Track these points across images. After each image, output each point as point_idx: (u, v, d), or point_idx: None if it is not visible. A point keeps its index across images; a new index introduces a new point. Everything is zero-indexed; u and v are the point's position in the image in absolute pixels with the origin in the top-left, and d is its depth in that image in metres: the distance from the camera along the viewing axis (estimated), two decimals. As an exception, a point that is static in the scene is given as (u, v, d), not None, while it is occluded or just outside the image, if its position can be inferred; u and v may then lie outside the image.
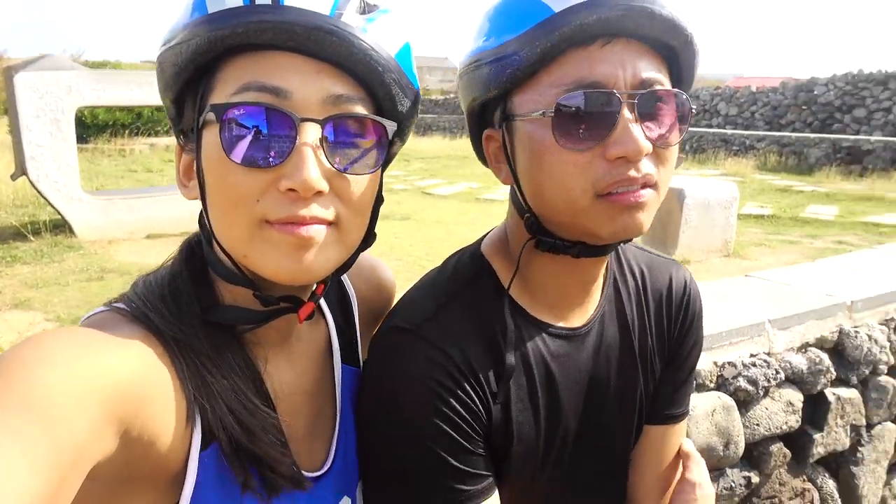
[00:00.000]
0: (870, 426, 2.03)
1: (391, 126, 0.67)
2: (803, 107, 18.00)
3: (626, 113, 0.69)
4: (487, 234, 0.91)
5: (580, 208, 0.72)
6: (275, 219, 0.61)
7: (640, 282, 0.94)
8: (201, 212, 0.70)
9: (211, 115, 0.61)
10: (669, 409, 0.96)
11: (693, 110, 0.75)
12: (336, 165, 0.62)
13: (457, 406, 0.75)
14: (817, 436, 1.86)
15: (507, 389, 0.80)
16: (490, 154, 0.82)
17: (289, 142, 0.60)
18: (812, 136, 15.60)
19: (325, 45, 0.61)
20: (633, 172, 0.69)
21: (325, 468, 0.74)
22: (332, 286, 0.78)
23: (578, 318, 0.86)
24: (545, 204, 0.76)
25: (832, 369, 1.89)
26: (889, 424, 2.09)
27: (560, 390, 0.84)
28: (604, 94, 0.69)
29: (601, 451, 0.91)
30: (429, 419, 0.74)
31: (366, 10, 0.65)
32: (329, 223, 0.63)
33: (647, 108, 0.70)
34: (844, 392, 1.93)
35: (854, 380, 1.97)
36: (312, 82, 0.62)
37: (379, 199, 0.72)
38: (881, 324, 2.10)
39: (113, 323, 0.62)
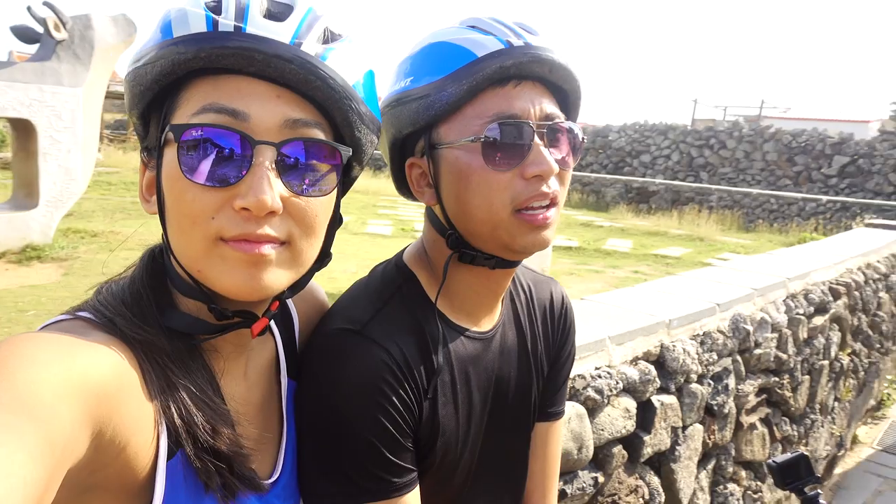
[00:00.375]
0: (684, 427, 2.34)
1: (346, 151, 0.71)
2: (600, 150, 20.04)
3: (538, 140, 0.82)
4: (405, 248, 1.00)
5: (500, 221, 0.84)
6: (229, 236, 0.63)
7: (528, 295, 1.08)
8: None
9: (170, 135, 0.64)
10: (552, 406, 1.11)
11: (584, 140, 0.90)
12: (290, 187, 0.66)
13: (397, 403, 0.83)
14: (647, 437, 2.12)
15: (435, 387, 0.88)
16: (413, 180, 0.92)
17: (245, 162, 0.63)
18: (608, 177, 17.43)
19: (283, 71, 0.65)
20: (544, 188, 0.83)
21: (274, 478, 0.77)
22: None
23: (487, 324, 0.98)
24: (469, 219, 0.86)
25: (657, 379, 2.17)
26: (697, 425, 2.42)
27: (474, 387, 0.95)
28: (522, 125, 0.82)
29: (507, 443, 1.03)
30: (374, 415, 0.81)
31: (329, 38, 0.70)
32: (281, 243, 0.66)
33: (552, 136, 0.84)
34: (666, 398, 2.21)
35: (672, 387, 2.26)
36: (271, 106, 0.65)
37: (336, 221, 0.77)
38: (691, 339, 2.44)
39: (78, 328, 0.62)
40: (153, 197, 0.70)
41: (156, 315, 0.67)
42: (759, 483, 2.95)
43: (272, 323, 0.84)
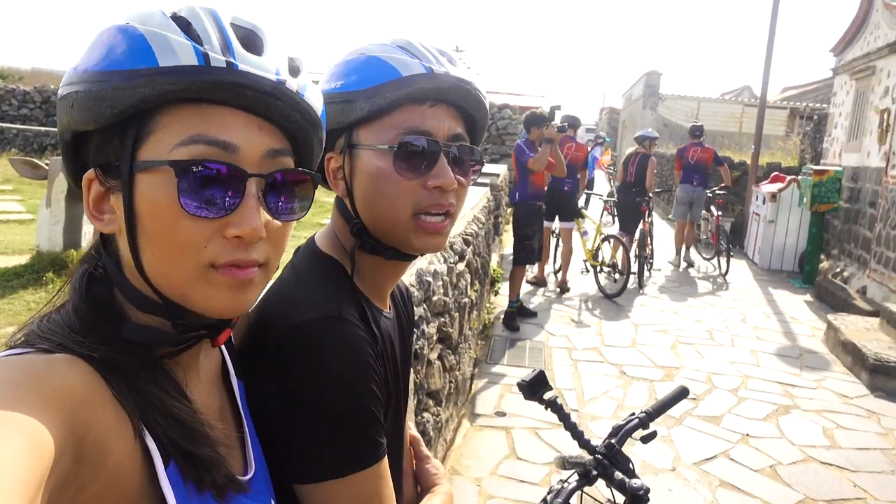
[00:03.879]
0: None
1: (318, 178, 0.79)
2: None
3: (443, 156, 0.96)
4: (313, 237, 1.08)
5: (400, 221, 0.97)
6: (221, 263, 0.68)
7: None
8: (99, 242, 0.74)
9: (167, 168, 0.66)
10: (409, 373, 1.28)
11: (483, 161, 1.07)
12: (273, 214, 0.72)
13: (379, 371, 0.94)
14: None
15: (382, 357, 0.99)
16: (330, 172, 1.01)
17: (238, 195, 0.69)
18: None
19: (270, 107, 0.71)
20: (442, 200, 0.97)
21: (249, 476, 0.81)
22: None
23: (387, 305, 1.11)
24: (374, 215, 0.98)
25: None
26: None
27: (397, 355, 1.07)
28: (433, 141, 0.96)
29: (405, 405, 1.17)
30: (370, 386, 0.91)
31: (292, 66, 0.76)
32: (260, 265, 0.72)
33: (456, 155, 0.97)
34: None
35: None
36: (255, 138, 0.71)
37: None
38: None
39: (33, 356, 0.61)
40: (106, 215, 0.71)
41: (113, 334, 0.67)
42: (438, 408, 3.50)
43: None
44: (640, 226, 8.93)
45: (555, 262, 8.82)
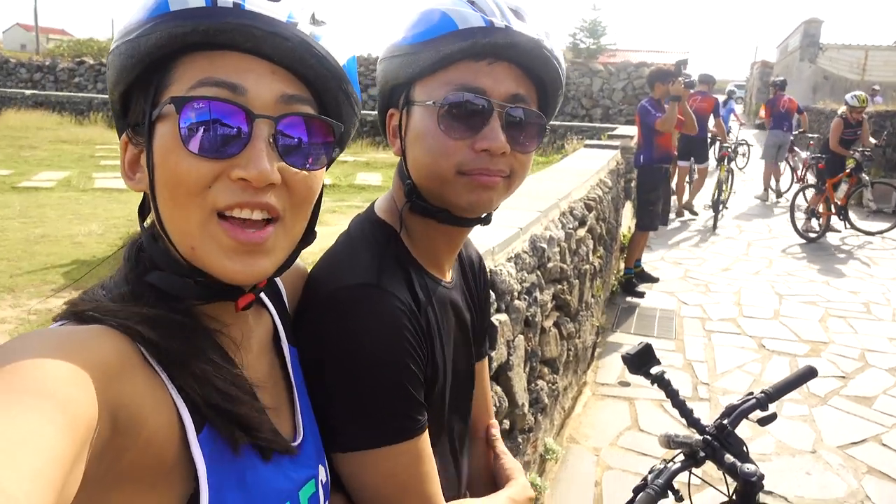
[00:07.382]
0: (513, 340, 2.65)
1: (339, 127, 0.74)
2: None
3: (496, 118, 0.89)
4: (374, 202, 1.06)
5: (445, 181, 0.91)
6: (224, 204, 0.65)
7: (463, 252, 1.18)
8: (141, 206, 0.74)
9: (169, 108, 0.65)
10: (482, 346, 1.24)
11: (547, 129, 0.97)
12: (286, 160, 0.68)
13: (415, 346, 0.89)
14: (492, 353, 2.37)
15: (430, 330, 0.95)
16: (390, 129, 0.99)
17: (244, 135, 0.66)
18: (341, 111, 17.40)
19: (281, 49, 0.68)
20: (490, 165, 0.91)
21: (297, 442, 0.80)
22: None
23: (449, 275, 1.07)
24: (421, 174, 0.94)
25: (493, 300, 2.42)
26: (520, 336, 2.75)
27: (451, 328, 1.03)
28: (481, 100, 0.89)
29: (468, 382, 1.14)
30: (403, 360, 0.87)
31: (315, 23, 0.73)
32: (276, 216, 0.69)
33: (511, 118, 0.90)
34: (501, 317, 2.48)
35: (503, 306, 2.54)
36: (267, 82, 0.68)
37: (319, 200, 0.79)
38: (508, 260, 2.73)
39: (65, 328, 0.62)
40: (138, 174, 0.71)
41: (148, 298, 0.67)
42: (554, 376, 3.45)
43: (263, 295, 0.86)
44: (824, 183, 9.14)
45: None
